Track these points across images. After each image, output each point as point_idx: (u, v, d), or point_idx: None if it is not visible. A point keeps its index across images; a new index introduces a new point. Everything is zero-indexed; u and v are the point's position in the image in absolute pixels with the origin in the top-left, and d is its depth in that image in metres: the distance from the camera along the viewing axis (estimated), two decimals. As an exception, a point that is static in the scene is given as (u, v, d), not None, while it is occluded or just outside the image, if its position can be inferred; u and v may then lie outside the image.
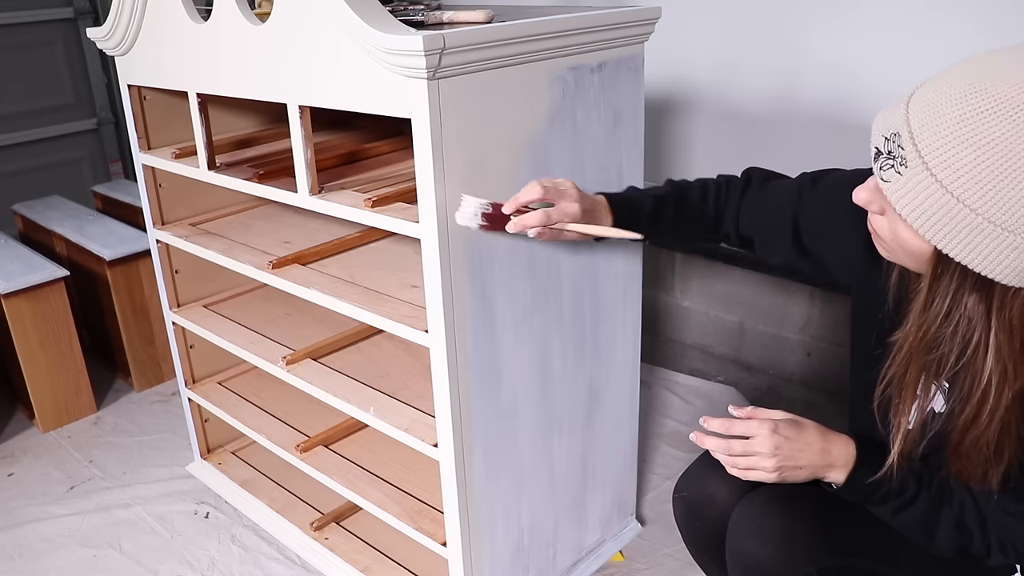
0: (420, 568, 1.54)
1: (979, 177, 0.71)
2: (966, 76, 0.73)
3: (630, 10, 1.26)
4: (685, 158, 2.20)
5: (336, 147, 1.55)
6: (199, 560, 1.67)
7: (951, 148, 0.71)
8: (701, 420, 1.03)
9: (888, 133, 0.76)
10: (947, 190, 0.72)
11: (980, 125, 0.70)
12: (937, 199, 0.73)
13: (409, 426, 1.30)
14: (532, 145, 1.19)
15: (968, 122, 0.71)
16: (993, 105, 0.70)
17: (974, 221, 0.72)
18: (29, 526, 1.80)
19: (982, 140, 0.70)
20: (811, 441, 0.98)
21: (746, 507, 1.06)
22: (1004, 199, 0.70)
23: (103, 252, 2.16)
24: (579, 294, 1.36)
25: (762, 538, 1.02)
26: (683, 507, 1.19)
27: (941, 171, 0.72)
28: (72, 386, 2.17)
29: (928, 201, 0.74)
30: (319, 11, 1.11)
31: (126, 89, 1.59)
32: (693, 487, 1.17)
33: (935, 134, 0.72)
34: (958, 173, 0.71)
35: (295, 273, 1.43)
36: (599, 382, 1.46)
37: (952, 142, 0.71)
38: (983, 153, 0.70)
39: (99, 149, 3.43)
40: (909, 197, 0.75)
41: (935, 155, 0.72)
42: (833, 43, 1.83)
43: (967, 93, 0.71)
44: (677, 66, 2.12)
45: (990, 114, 0.70)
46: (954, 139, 0.71)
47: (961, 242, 0.74)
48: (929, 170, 0.73)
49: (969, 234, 0.73)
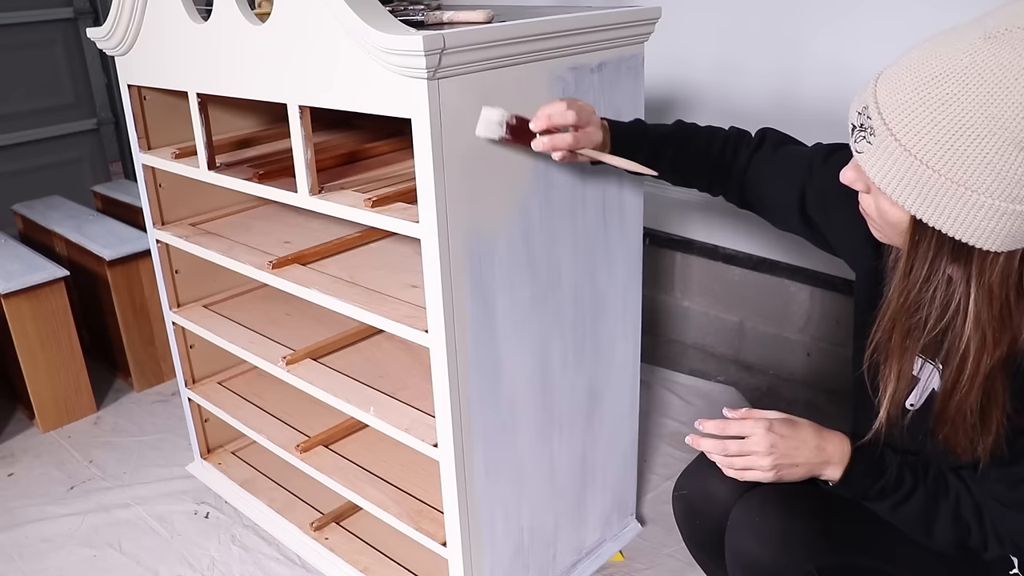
0: (420, 568, 1.54)
1: (936, 137, 0.75)
2: (924, 48, 0.78)
3: (630, 10, 1.26)
4: (685, 158, 2.20)
5: (336, 147, 1.55)
6: (199, 560, 1.67)
7: (910, 113, 0.76)
8: (696, 423, 1.03)
9: (860, 108, 0.81)
10: (910, 152, 0.76)
11: (934, 89, 0.75)
12: (903, 162, 0.77)
13: (409, 426, 1.30)
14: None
15: (924, 87, 0.75)
16: (945, 70, 0.74)
17: (937, 181, 0.76)
18: (29, 526, 1.80)
19: (936, 103, 0.74)
20: (806, 439, 0.98)
21: (745, 506, 1.06)
22: (961, 157, 0.74)
23: (103, 252, 2.16)
24: (579, 294, 1.36)
25: (761, 537, 1.02)
26: (683, 505, 1.19)
27: (903, 135, 0.77)
28: (72, 386, 2.17)
29: (896, 166, 0.78)
30: (319, 11, 1.11)
31: (126, 89, 1.59)
32: (693, 485, 1.17)
33: (896, 101, 0.77)
34: (918, 136, 0.76)
35: (295, 273, 1.43)
36: (599, 382, 1.46)
37: (910, 107, 0.76)
38: (938, 115, 0.74)
39: (99, 149, 3.43)
40: (879, 164, 0.79)
41: (896, 120, 0.77)
42: (833, 43, 1.83)
43: (923, 61, 0.76)
44: (677, 66, 2.12)
45: (943, 78, 0.74)
46: (912, 104, 0.76)
47: (930, 204, 0.78)
48: (893, 135, 0.77)
49: (935, 195, 0.77)
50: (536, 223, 1.24)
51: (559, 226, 1.28)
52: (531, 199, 1.22)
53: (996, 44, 0.73)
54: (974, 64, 0.73)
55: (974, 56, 0.73)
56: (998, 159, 0.73)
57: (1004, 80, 0.72)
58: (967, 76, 0.73)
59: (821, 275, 2.08)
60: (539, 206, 1.23)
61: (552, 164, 1.23)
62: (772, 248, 2.16)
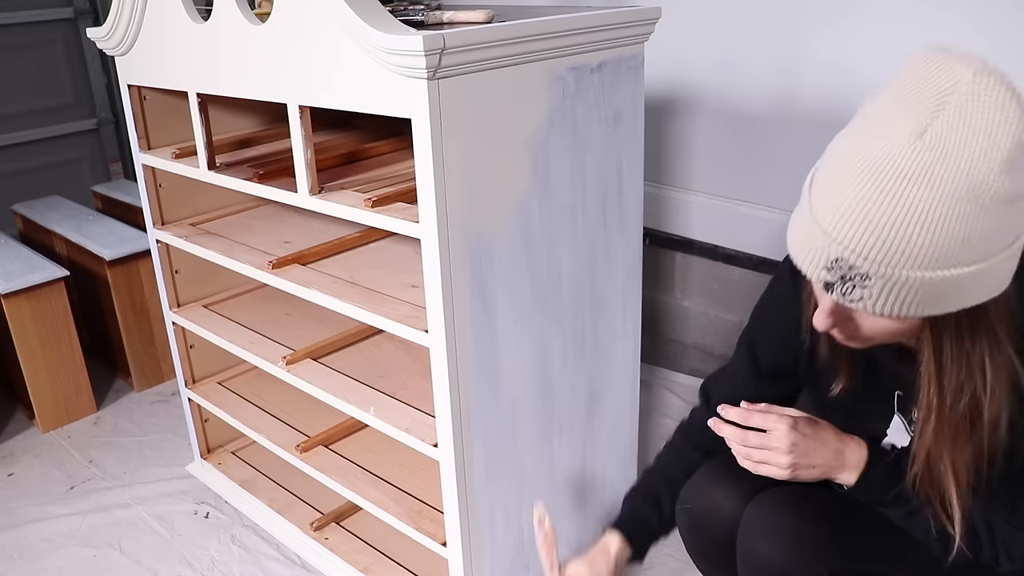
0: (420, 568, 1.54)
1: (924, 249, 0.73)
2: (867, 173, 0.74)
3: (630, 10, 1.26)
4: (685, 158, 2.20)
5: (336, 147, 1.55)
6: (199, 560, 1.67)
7: (889, 244, 0.73)
8: (719, 408, 1.02)
9: (828, 263, 0.77)
10: (909, 276, 0.74)
11: (898, 210, 0.72)
12: (910, 286, 0.75)
13: (409, 426, 1.30)
14: (532, 145, 1.19)
15: (890, 213, 0.72)
16: (901, 190, 0.72)
17: (946, 279, 0.74)
18: (29, 526, 1.80)
19: (909, 222, 0.72)
20: (826, 440, 0.97)
21: (758, 508, 1.05)
22: (952, 247, 0.73)
23: (103, 252, 2.16)
24: (579, 294, 1.36)
25: (774, 539, 1.01)
26: (687, 519, 1.17)
27: (897, 266, 0.74)
28: (72, 386, 2.17)
29: (903, 293, 0.75)
30: (319, 11, 1.11)
31: (126, 89, 1.59)
32: (697, 499, 1.15)
33: (868, 242, 0.74)
34: (907, 256, 0.73)
35: (295, 273, 1.43)
36: (599, 382, 1.46)
37: (888, 239, 0.73)
38: (915, 231, 0.72)
39: (99, 149, 3.43)
40: (883, 301, 0.76)
41: (881, 261, 0.74)
42: (834, 43, 1.83)
43: (873, 189, 0.73)
44: (677, 66, 2.12)
45: (902, 199, 0.72)
46: (887, 234, 0.73)
47: (945, 301, 0.76)
48: (885, 276, 0.75)
49: (949, 290, 0.75)
50: (536, 223, 1.24)
51: (559, 226, 1.28)
52: (531, 199, 1.22)
53: (929, 141, 0.71)
54: (921, 170, 0.71)
55: (916, 161, 0.71)
56: (974, 226, 0.72)
57: (946, 167, 0.71)
58: (923, 182, 0.71)
59: (821, 275, 2.08)
60: (539, 206, 1.23)
61: (552, 164, 1.23)
62: (772, 248, 2.16)
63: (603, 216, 1.36)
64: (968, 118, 0.71)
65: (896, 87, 0.75)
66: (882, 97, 0.76)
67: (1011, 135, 0.71)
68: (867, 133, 0.75)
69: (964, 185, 0.70)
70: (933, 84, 0.73)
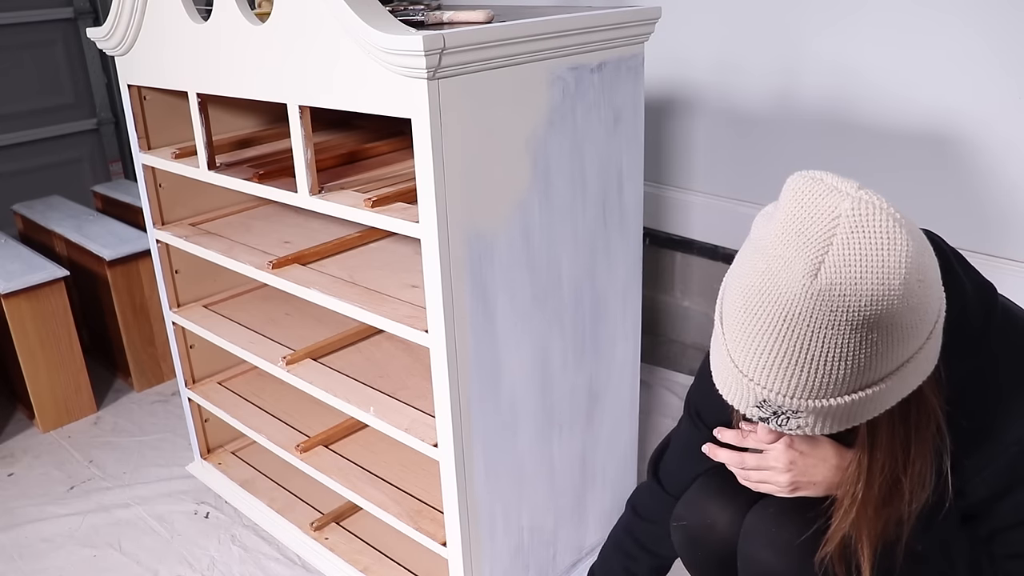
0: (420, 568, 1.54)
1: (843, 378, 0.75)
2: (771, 326, 0.75)
3: (630, 10, 1.26)
4: (685, 158, 2.20)
5: (336, 147, 1.55)
6: (199, 560, 1.67)
7: (808, 384, 0.76)
8: (715, 431, 1.02)
9: (757, 402, 0.80)
10: (840, 402, 0.77)
11: (809, 359, 0.74)
12: (836, 412, 0.78)
13: (409, 426, 1.30)
14: (532, 145, 1.19)
15: (807, 358, 0.75)
16: (806, 336, 0.74)
17: (878, 391, 0.77)
18: (29, 526, 1.80)
19: (817, 364, 0.75)
20: (826, 457, 0.97)
21: (760, 515, 1.05)
22: (870, 372, 0.75)
23: (103, 252, 2.16)
24: (579, 294, 1.36)
25: (776, 547, 1.01)
26: (683, 535, 1.16)
27: (823, 401, 0.77)
28: (72, 386, 2.17)
29: (831, 418, 0.79)
30: (319, 11, 1.11)
31: (126, 89, 1.59)
32: (692, 516, 1.14)
33: (789, 385, 0.77)
34: (834, 388, 0.76)
35: (295, 273, 1.43)
36: (599, 382, 1.46)
37: (808, 378, 0.76)
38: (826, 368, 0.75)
39: (99, 149, 3.43)
40: (820, 426, 0.80)
41: (808, 397, 0.77)
42: (834, 43, 1.83)
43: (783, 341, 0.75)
44: (677, 66, 2.12)
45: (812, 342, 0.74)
46: (808, 376, 0.75)
47: (883, 403, 0.79)
48: (816, 409, 0.78)
49: (883, 396, 0.78)
50: (536, 223, 1.24)
51: (559, 226, 1.28)
52: (531, 199, 1.22)
53: (824, 281, 0.72)
54: (823, 311, 0.72)
55: (816, 303, 0.72)
56: (889, 344, 0.74)
57: (847, 305, 0.72)
58: (828, 323, 0.72)
59: (821, 275, 2.08)
60: (539, 206, 1.23)
61: (552, 164, 1.23)
62: (772, 248, 2.16)
63: (603, 216, 1.36)
64: (857, 251, 0.71)
65: (783, 219, 0.75)
66: (772, 227, 0.76)
67: (902, 260, 0.71)
68: (764, 269, 0.75)
69: (869, 317, 0.72)
70: (816, 218, 0.73)
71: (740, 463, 0.99)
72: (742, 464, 0.99)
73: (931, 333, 0.77)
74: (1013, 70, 1.58)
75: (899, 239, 0.72)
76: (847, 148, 1.86)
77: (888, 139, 1.79)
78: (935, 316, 0.78)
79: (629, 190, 1.40)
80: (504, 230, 1.19)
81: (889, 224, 0.72)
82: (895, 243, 0.72)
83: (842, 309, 0.71)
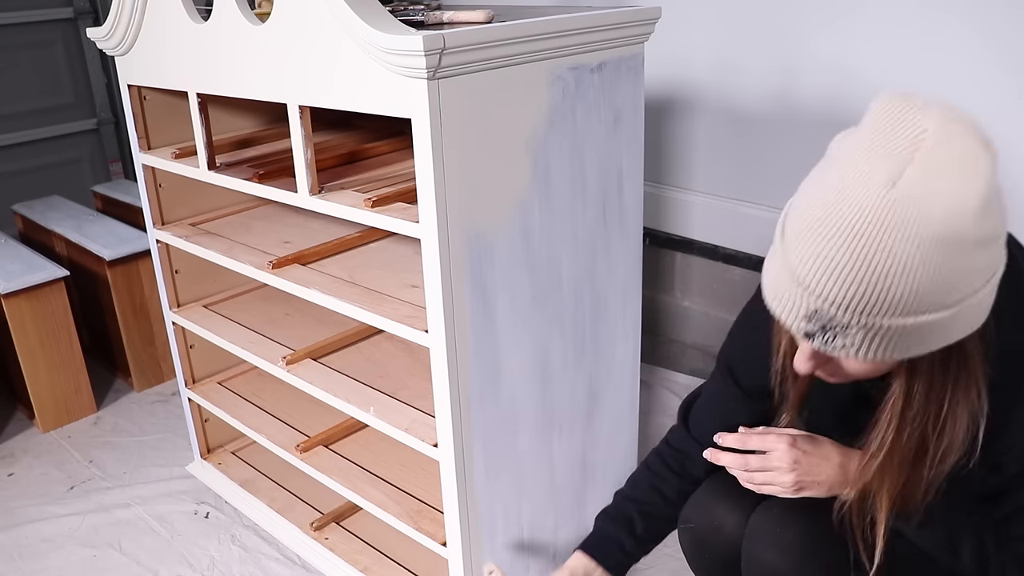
0: (420, 568, 1.54)
1: (898, 299, 0.74)
2: (840, 231, 0.74)
3: (630, 10, 1.26)
4: (685, 158, 2.20)
5: (336, 147, 1.55)
6: (199, 560, 1.67)
7: (864, 296, 0.74)
8: (716, 437, 1.02)
9: (808, 313, 0.78)
10: (890, 324, 0.75)
11: (870, 262, 0.73)
12: (885, 334, 0.76)
13: (409, 426, 1.30)
14: (532, 145, 1.20)
15: (862, 266, 0.73)
16: (874, 245, 0.72)
17: (927, 323, 0.75)
18: (29, 526, 1.80)
19: (882, 275, 0.73)
20: (829, 456, 0.97)
21: (764, 515, 1.05)
22: (925, 294, 0.74)
23: (103, 252, 2.16)
24: (579, 294, 1.36)
25: (781, 547, 1.01)
26: (690, 537, 1.16)
27: (874, 318, 0.75)
28: (72, 386, 2.17)
29: (877, 341, 0.77)
30: (319, 11, 1.11)
31: (126, 89, 1.60)
32: (699, 518, 1.14)
33: (845, 295, 0.75)
34: (889, 307, 0.74)
35: (295, 273, 1.43)
36: (599, 382, 1.46)
37: (862, 292, 0.74)
38: (889, 282, 0.73)
39: (99, 149, 3.43)
40: (865, 349, 0.77)
41: (862, 311, 0.75)
42: (833, 43, 1.83)
43: (850, 247, 0.73)
44: (677, 66, 2.12)
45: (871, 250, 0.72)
46: (861, 288, 0.74)
47: (919, 345, 0.78)
48: (866, 325, 0.76)
49: (929, 333, 0.76)
50: (536, 223, 1.24)
51: (559, 226, 1.28)
52: (531, 199, 1.22)
53: (902, 192, 0.71)
54: (896, 221, 0.71)
55: (890, 212, 0.71)
56: (951, 272, 0.73)
57: (920, 217, 0.71)
58: (897, 233, 0.72)
59: (821, 275, 2.08)
60: (539, 206, 1.23)
61: (552, 164, 1.23)
62: (772, 248, 2.16)
63: (603, 216, 1.36)
64: (938, 167, 0.71)
65: (865, 134, 0.75)
66: (851, 142, 0.76)
67: (982, 181, 0.71)
68: (839, 182, 0.75)
69: (939, 234, 0.71)
70: (901, 133, 0.73)
71: (743, 465, 0.99)
72: (745, 466, 0.99)
73: (988, 282, 0.76)
74: (1013, 70, 1.58)
75: (983, 163, 0.71)
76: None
77: (888, 139, 1.79)
78: (994, 267, 0.76)
79: (629, 190, 1.40)
80: (504, 230, 1.19)
81: (976, 146, 0.72)
82: (978, 166, 0.71)
83: (914, 221, 0.70)
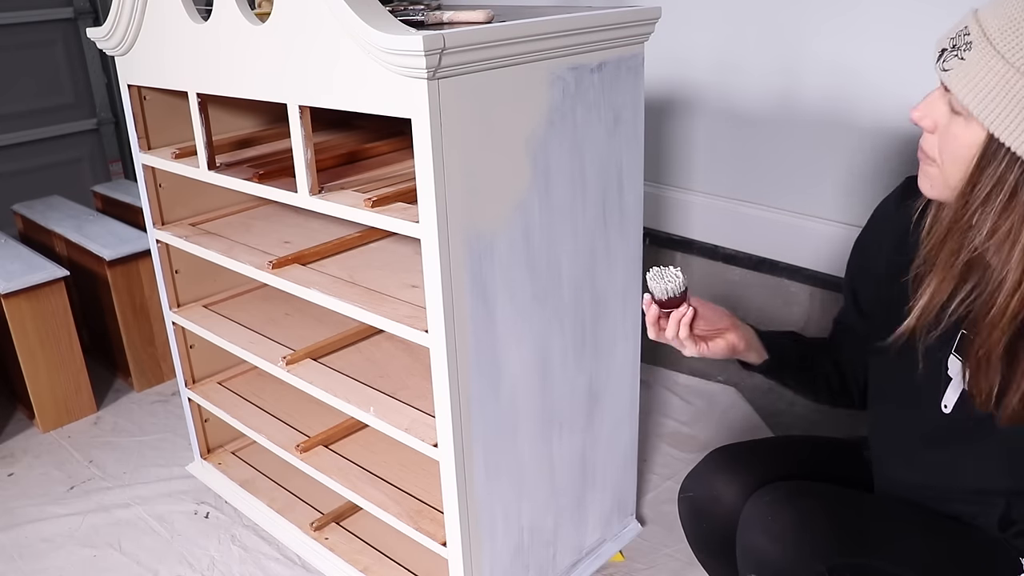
0: (420, 568, 1.54)
1: None
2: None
3: (630, 10, 1.26)
4: (685, 158, 2.20)
5: (336, 147, 1.55)
6: (199, 560, 1.67)
7: (1016, 27, 0.76)
8: None
9: (955, 32, 0.82)
10: (1008, 61, 0.77)
11: None
12: (997, 72, 0.78)
13: (409, 426, 1.30)
14: (532, 145, 1.19)
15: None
16: None
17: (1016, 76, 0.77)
18: (29, 526, 1.80)
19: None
20: None
21: (757, 503, 1.06)
22: None
23: (103, 252, 2.16)
24: (579, 294, 1.36)
25: (773, 535, 1.02)
26: (689, 507, 1.19)
27: (1005, 47, 0.77)
28: (72, 386, 2.17)
29: (989, 76, 0.78)
30: (319, 11, 1.11)
31: (126, 89, 1.60)
32: (699, 487, 1.17)
33: (1001, 17, 0.78)
34: (1019, 47, 0.76)
35: (295, 273, 1.43)
36: (599, 382, 1.46)
37: (1017, 22, 0.77)
38: None
39: (99, 149, 3.43)
40: (970, 76, 0.80)
41: (1000, 33, 0.78)
42: (834, 43, 1.83)
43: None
44: (677, 66, 2.12)
45: None
46: (1018, 19, 0.77)
47: (1015, 119, 0.78)
48: (993, 46, 0.78)
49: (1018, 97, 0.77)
50: (536, 222, 1.24)
51: (559, 226, 1.28)
52: (531, 199, 1.22)
53: None
54: None
55: None
56: None
57: None
58: None
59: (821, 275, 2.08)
60: (539, 206, 1.23)
61: (552, 164, 1.23)
62: (772, 248, 2.16)
63: (603, 216, 1.36)
64: None
65: None
66: None
67: None
68: None
69: None
70: None
71: None
72: None
73: None
74: (1013, 70, 1.58)
75: None
76: (846, 147, 1.86)
77: (888, 139, 1.79)
78: None
79: (629, 190, 1.40)
80: (504, 230, 1.19)
81: None
82: None
83: None
